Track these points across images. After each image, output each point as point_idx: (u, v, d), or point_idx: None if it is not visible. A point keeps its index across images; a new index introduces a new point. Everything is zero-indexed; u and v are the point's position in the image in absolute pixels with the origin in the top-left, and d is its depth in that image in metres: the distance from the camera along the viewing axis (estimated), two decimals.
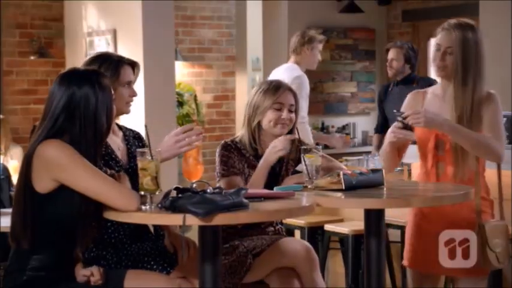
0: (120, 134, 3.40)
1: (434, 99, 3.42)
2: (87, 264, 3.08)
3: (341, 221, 5.15)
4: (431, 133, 3.33)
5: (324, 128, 8.33)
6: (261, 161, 3.52)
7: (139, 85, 6.79)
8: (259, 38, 8.51)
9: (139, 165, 2.81)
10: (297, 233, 5.21)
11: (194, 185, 2.91)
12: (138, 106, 6.75)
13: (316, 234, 5.11)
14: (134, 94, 3.35)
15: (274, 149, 3.48)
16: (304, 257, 3.42)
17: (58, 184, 2.77)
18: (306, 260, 3.41)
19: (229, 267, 3.43)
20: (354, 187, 3.16)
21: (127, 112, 3.36)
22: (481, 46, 3.34)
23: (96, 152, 2.83)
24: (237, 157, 3.56)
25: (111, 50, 7.22)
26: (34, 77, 7.88)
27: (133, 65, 3.38)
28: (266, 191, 3.15)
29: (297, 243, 3.52)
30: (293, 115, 3.61)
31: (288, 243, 3.48)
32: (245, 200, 2.72)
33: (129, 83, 3.33)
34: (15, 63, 7.78)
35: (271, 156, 3.49)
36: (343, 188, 3.14)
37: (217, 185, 3.50)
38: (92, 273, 2.93)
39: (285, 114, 3.56)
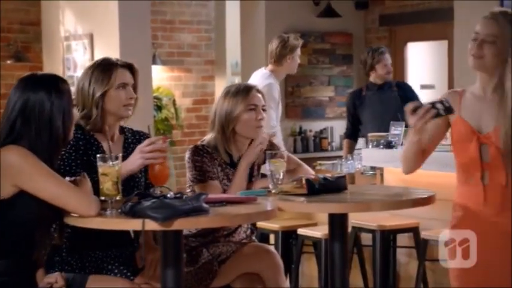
0: (121, 139, 3.39)
1: (473, 100, 2.94)
2: (50, 268, 3.10)
3: (315, 225, 5.17)
4: (472, 136, 2.90)
5: (301, 132, 8.36)
6: (241, 161, 3.52)
7: None
8: (238, 43, 8.54)
9: (100, 170, 2.83)
10: (272, 237, 5.24)
11: (159, 191, 2.94)
12: None
13: (290, 238, 5.13)
14: (131, 96, 3.31)
15: (253, 145, 3.51)
16: (269, 262, 3.46)
17: (18, 189, 2.78)
18: (270, 265, 3.45)
19: (195, 274, 3.46)
20: (317, 191, 3.19)
21: (126, 115, 3.34)
22: None
23: (51, 157, 2.84)
24: (209, 161, 3.55)
25: (88, 54, 7.23)
26: (11, 81, 7.83)
27: (128, 67, 3.38)
28: (228, 196, 3.17)
29: (262, 249, 3.56)
30: (265, 114, 3.65)
31: (252, 249, 3.52)
32: (205, 205, 2.74)
33: (124, 85, 3.31)
34: None
35: (251, 154, 3.51)
36: (306, 192, 3.17)
37: (188, 190, 3.52)
38: (56, 280, 2.94)
39: (259, 114, 3.58)
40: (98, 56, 7.15)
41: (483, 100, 2.90)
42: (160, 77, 8.73)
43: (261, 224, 4.98)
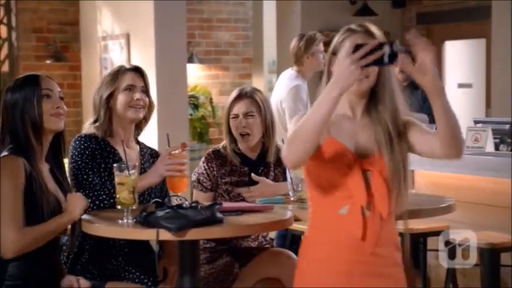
0: (137, 148, 3.44)
1: (342, 122, 2.52)
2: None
3: None
4: (352, 161, 2.47)
5: None
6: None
7: (151, 89, 6.87)
8: (275, 41, 8.54)
9: (117, 179, 2.87)
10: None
11: (176, 199, 2.97)
12: None
13: None
14: (138, 97, 3.34)
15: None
16: (289, 267, 3.45)
17: None
18: (291, 271, 3.44)
19: (217, 276, 3.49)
20: None
21: (134, 117, 3.36)
22: None
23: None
24: (217, 166, 3.61)
25: (124, 54, 7.30)
26: None
27: (136, 70, 3.41)
28: (244, 205, 3.19)
29: (282, 254, 3.57)
30: (254, 120, 3.63)
31: (273, 254, 3.54)
32: (219, 215, 2.76)
33: (131, 87, 3.35)
34: (31, 67, 7.86)
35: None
36: None
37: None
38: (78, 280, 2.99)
39: (241, 122, 3.62)
40: (135, 55, 7.23)
41: (353, 121, 2.51)
42: (198, 75, 8.78)
43: (293, 226, 4.97)
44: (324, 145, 2.46)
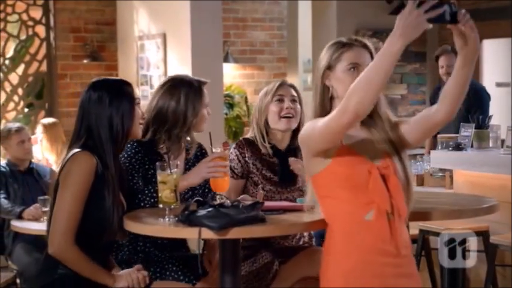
0: (183, 155, 3.45)
1: (355, 126, 2.62)
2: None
3: None
4: (370, 167, 2.56)
5: None
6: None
7: None
8: (310, 40, 8.53)
9: (159, 178, 2.89)
10: None
11: (217, 198, 2.97)
12: None
13: None
14: (209, 113, 3.46)
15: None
16: None
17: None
18: None
19: (257, 273, 3.50)
20: None
21: (202, 130, 3.45)
22: None
23: (114, 150, 2.96)
24: (249, 153, 3.63)
25: (160, 53, 7.34)
26: (87, 80, 7.97)
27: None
28: (286, 204, 3.19)
29: (322, 253, 3.55)
30: (297, 105, 3.64)
31: (312, 253, 3.53)
32: (261, 214, 2.76)
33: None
34: (69, 66, 7.95)
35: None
36: None
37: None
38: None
39: (286, 103, 3.61)
40: (171, 55, 7.27)
41: (355, 129, 2.59)
42: (233, 74, 8.80)
43: None
44: (338, 153, 2.56)
